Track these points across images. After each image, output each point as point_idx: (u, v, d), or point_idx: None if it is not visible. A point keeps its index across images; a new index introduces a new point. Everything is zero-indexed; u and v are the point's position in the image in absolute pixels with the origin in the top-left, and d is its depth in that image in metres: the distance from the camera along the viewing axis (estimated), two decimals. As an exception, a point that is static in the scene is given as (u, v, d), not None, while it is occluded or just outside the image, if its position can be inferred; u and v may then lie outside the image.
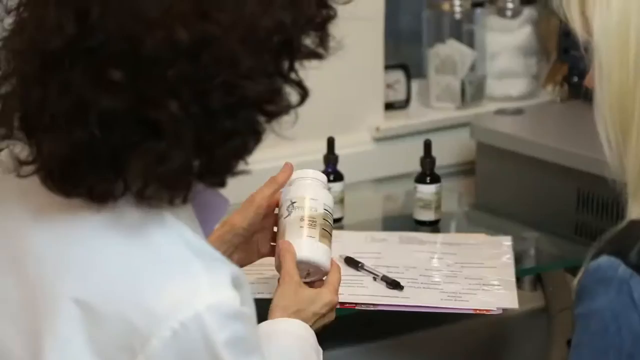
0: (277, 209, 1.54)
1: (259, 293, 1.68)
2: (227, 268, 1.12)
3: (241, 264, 1.52)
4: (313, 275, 1.50)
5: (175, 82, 1.04)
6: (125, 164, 1.06)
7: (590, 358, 1.08)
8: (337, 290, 1.48)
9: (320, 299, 1.44)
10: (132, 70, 1.04)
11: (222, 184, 1.14)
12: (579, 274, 1.10)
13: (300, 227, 1.49)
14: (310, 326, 1.42)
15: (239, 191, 2.11)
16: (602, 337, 1.07)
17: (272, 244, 1.56)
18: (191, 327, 1.07)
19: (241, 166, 1.14)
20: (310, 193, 1.52)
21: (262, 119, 1.11)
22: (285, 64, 1.11)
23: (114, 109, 1.04)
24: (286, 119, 1.14)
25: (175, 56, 1.04)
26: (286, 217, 1.50)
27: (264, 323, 1.39)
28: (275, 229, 1.55)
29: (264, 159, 2.21)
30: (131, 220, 1.10)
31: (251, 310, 1.15)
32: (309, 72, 1.05)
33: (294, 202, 1.51)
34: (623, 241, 1.07)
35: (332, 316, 1.47)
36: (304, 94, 1.14)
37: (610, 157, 1.14)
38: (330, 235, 1.53)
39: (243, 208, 1.53)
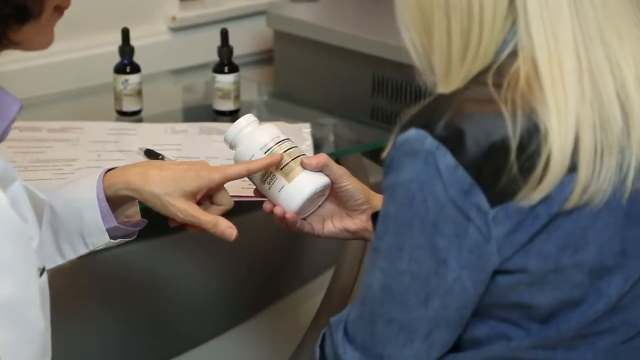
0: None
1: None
2: None
3: None
4: (325, 194, 1.43)
5: None
6: None
7: (396, 229, 1.10)
8: None
9: None
10: None
11: None
12: (387, 147, 1.11)
13: (280, 175, 1.39)
14: None
15: (27, 86, 2.06)
16: (408, 207, 1.09)
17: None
18: None
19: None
20: (257, 143, 1.40)
21: None
22: None
23: None
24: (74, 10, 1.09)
25: None
26: (265, 180, 1.41)
27: None
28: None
29: (55, 52, 2.16)
30: None
31: (12, 213, 1.00)
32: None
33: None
34: (430, 114, 1.08)
35: None
36: None
37: (418, 61, 1.16)
38: (300, 156, 1.40)
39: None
